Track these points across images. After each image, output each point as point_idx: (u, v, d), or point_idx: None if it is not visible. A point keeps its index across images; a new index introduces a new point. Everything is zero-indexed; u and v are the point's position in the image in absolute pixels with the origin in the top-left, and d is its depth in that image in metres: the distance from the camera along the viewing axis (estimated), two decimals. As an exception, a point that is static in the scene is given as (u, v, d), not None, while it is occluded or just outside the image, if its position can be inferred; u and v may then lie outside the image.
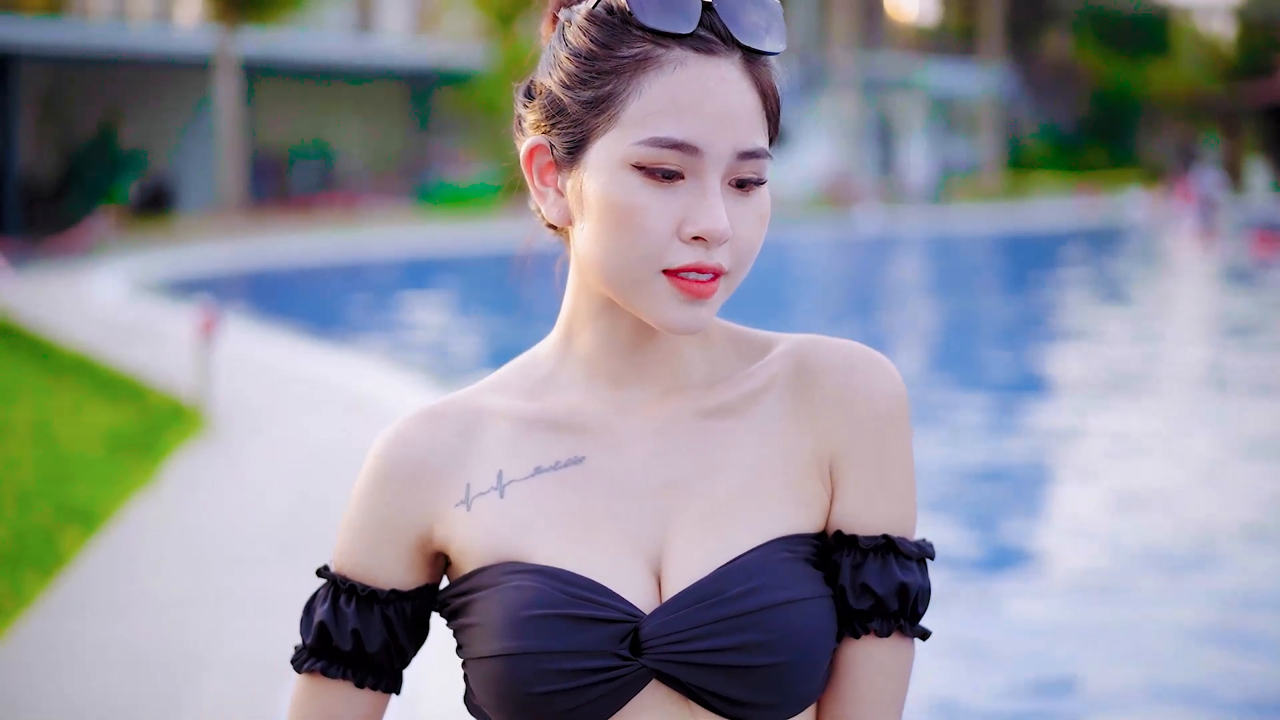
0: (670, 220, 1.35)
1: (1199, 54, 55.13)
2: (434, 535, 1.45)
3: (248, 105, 31.55)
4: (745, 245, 1.39)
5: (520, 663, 1.36)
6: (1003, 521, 7.87)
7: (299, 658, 1.50)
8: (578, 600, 1.37)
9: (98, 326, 14.43)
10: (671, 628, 1.37)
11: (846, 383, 1.45)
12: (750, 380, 1.47)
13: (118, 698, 4.66)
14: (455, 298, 20.05)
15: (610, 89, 1.36)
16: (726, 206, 1.36)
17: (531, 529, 1.42)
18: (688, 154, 1.34)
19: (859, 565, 1.43)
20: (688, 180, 1.35)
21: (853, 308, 19.32)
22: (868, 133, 43.64)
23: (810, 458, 1.44)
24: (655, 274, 1.36)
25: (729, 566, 1.38)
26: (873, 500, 1.44)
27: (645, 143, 1.34)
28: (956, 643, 5.66)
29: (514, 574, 1.40)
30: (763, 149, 1.38)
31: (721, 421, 1.45)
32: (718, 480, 1.43)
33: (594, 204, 1.37)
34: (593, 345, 1.45)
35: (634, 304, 1.38)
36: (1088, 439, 10.00)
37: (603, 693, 1.36)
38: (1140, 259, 27.07)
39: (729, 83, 1.36)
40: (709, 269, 1.36)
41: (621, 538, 1.41)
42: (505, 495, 1.43)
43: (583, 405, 1.46)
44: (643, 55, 1.35)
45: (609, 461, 1.44)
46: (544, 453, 1.44)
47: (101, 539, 6.60)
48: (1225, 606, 6.16)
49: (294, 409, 9.99)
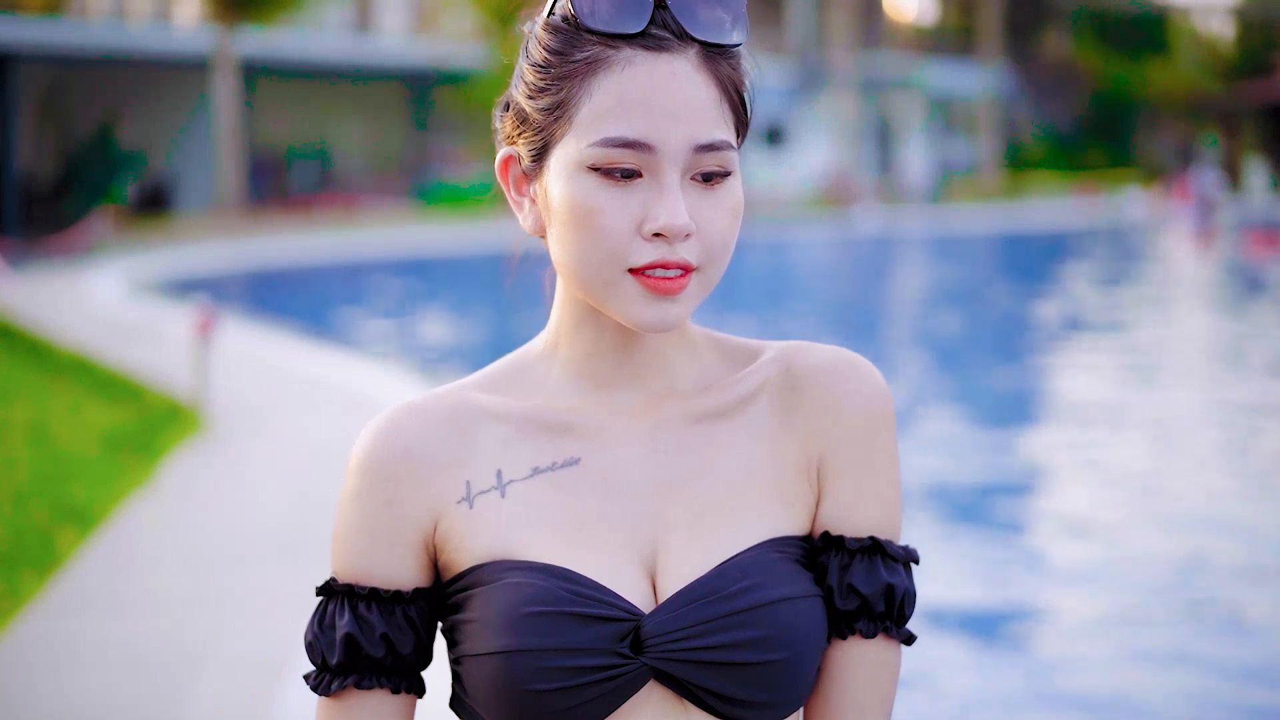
0: (630, 219, 1.35)
1: (1198, 54, 55.13)
2: (437, 531, 1.44)
3: (246, 105, 31.54)
4: (714, 239, 1.38)
5: (520, 660, 1.35)
6: (1002, 520, 7.86)
7: (324, 680, 1.44)
8: (579, 598, 1.37)
9: (96, 326, 14.41)
10: (671, 625, 1.37)
11: (834, 387, 1.46)
12: (740, 385, 1.48)
13: (115, 697, 4.65)
14: (454, 297, 20.03)
15: (565, 94, 1.38)
16: (691, 201, 1.37)
17: (530, 528, 1.41)
18: (640, 151, 1.35)
19: (846, 566, 1.44)
20: (645, 178, 1.36)
21: (852, 307, 19.31)
22: (867, 132, 43.64)
23: (798, 460, 1.46)
24: (621, 274, 1.36)
25: (725, 565, 1.39)
26: (859, 502, 1.45)
27: (597, 144, 1.35)
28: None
29: (512, 570, 1.39)
30: (722, 141, 1.38)
31: (713, 425, 1.46)
32: (710, 482, 1.44)
33: (557, 209, 1.39)
34: (581, 350, 1.46)
35: (606, 305, 1.39)
36: (1086, 439, 9.99)
37: (601, 692, 1.36)
38: (1139, 258, 27.05)
39: (680, 78, 1.36)
40: (673, 264, 1.36)
41: (617, 538, 1.42)
42: (506, 495, 1.43)
43: (575, 408, 1.46)
44: (593, 58, 1.37)
45: (603, 463, 1.44)
46: (540, 454, 1.45)
47: (99, 539, 6.59)
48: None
49: (292, 409, 9.97)
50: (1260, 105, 47.46)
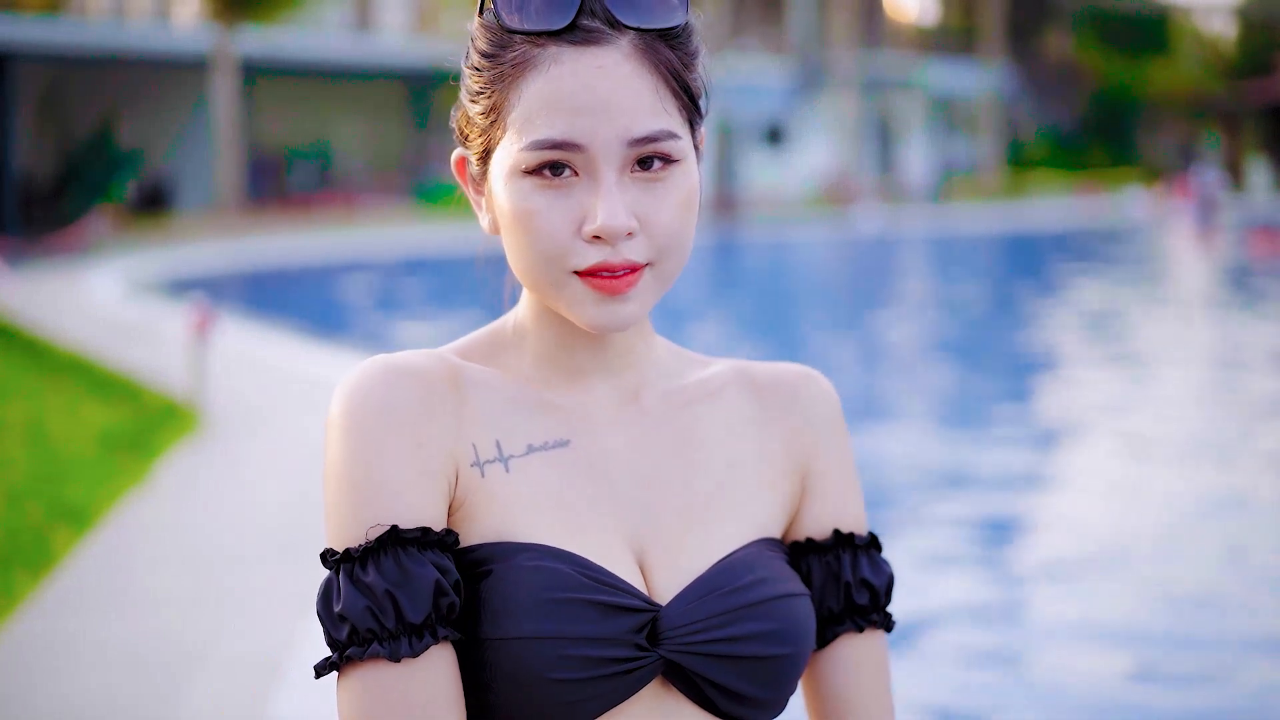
0: (568, 221, 1.32)
1: (1199, 53, 55.18)
2: (457, 486, 1.35)
3: (246, 104, 31.53)
4: (663, 232, 1.33)
5: (542, 647, 1.30)
6: (1003, 520, 7.83)
7: (407, 639, 1.27)
8: (599, 586, 1.33)
9: (95, 325, 14.39)
10: (689, 617, 1.35)
11: (801, 396, 1.51)
12: (706, 384, 1.49)
13: (112, 697, 4.62)
14: (454, 297, 20.00)
15: (498, 98, 1.35)
16: (634, 196, 1.32)
17: (534, 508, 1.37)
18: (571, 151, 1.31)
19: (856, 561, 1.48)
20: (582, 178, 1.32)
21: (851, 307, 19.28)
22: (867, 132, 43.63)
23: (784, 460, 1.48)
24: (567, 275, 1.33)
25: (729, 560, 1.39)
26: (846, 501, 1.51)
27: (527, 147, 1.32)
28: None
29: (524, 552, 1.33)
30: (661, 131, 1.32)
31: (690, 418, 1.46)
32: (694, 475, 1.43)
33: (501, 212, 1.37)
34: (547, 344, 1.43)
35: (557, 307, 1.36)
36: (1086, 439, 9.96)
37: (616, 685, 1.33)
38: (1140, 258, 27.05)
39: (608, 70, 1.31)
40: (617, 267, 1.31)
41: (608, 526, 1.39)
42: (510, 470, 1.37)
43: (556, 388, 1.43)
44: (520, 59, 1.33)
45: (590, 449, 1.41)
46: (532, 429, 1.40)
47: (95, 538, 6.56)
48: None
49: (291, 408, 9.93)
50: (1262, 105, 47.49)
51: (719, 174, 34.59)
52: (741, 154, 37.54)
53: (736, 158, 36.31)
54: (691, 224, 1.36)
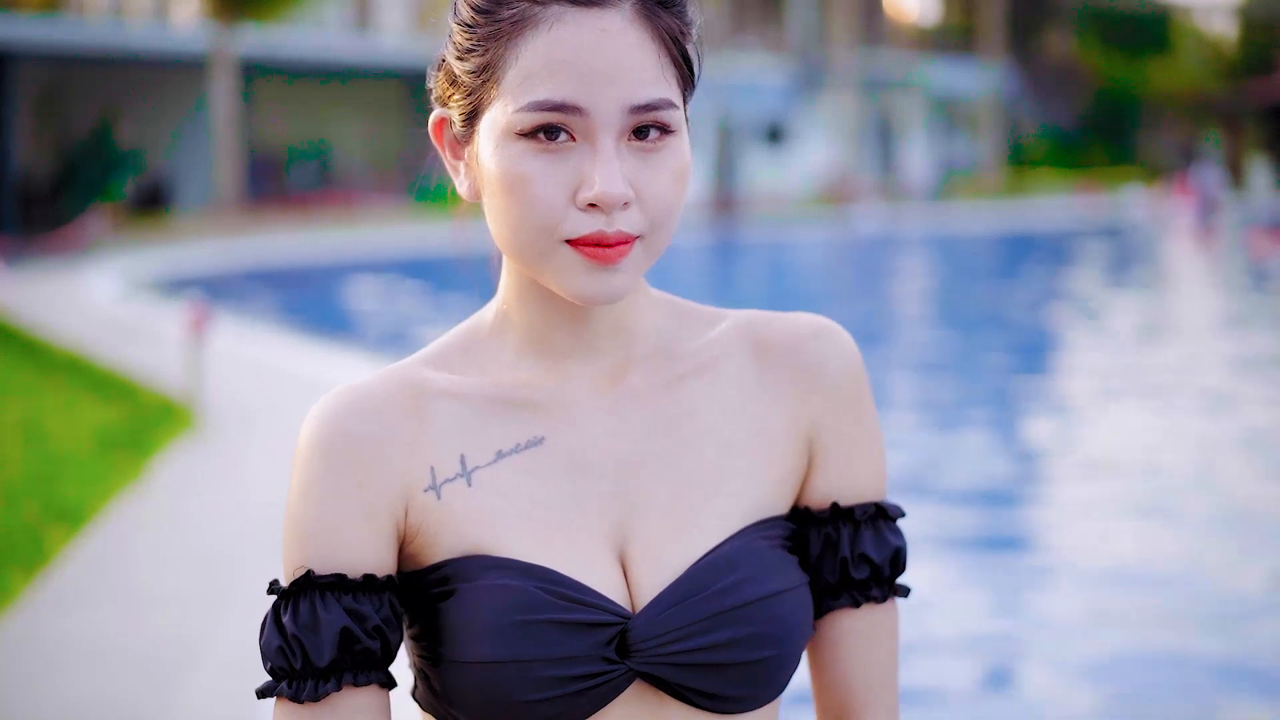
0: (563, 187, 1.27)
1: (1200, 53, 55.20)
2: (408, 518, 1.34)
3: (245, 103, 31.52)
4: (657, 205, 1.29)
5: (507, 671, 1.28)
6: (1002, 520, 7.81)
7: (308, 685, 1.29)
8: (563, 602, 1.29)
9: (92, 324, 14.38)
10: (659, 628, 1.30)
11: (812, 352, 1.41)
12: (705, 352, 1.41)
13: (108, 695, 4.61)
14: (453, 297, 19.98)
15: (491, 56, 1.29)
16: (630, 166, 1.28)
17: (501, 519, 1.33)
18: (570, 115, 1.26)
19: (855, 536, 1.41)
20: (579, 143, 1.27)
21: (851, 307, 19.27)
22: (867, 132, 43.65)
23: (785, 431, 1.40)
24: (556, 244, 1.28)
25: (711, 556, 1.33)
26: (856, 468, 1.42)
27: (525, 108, 1.27)
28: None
29: (489, 570, 1.31)
30: (661, 100, 1.28)
31: (682, 394, 1.39)
32: (682, 458, 1.37)
33: (488, 177, 1.31)
34: (531, 323, 1.37)
35: (543, 277, 1.31)
36: (1084, 439, 9.94)
37: (587, 698, 1.30)
38: (1140, 257, 27.04)
39: (611, 35, 1.27)
40: (611, 238, 1.27)
41: (587, 524, 1.34)
42: (473, 484, 1.34)
43: (533, 381, 1.37)
44: (519, 16, 1.28)
45: (568, 441, 1.36)
46: (502, 434, 1.35)
47: (90, 536, 6.54)
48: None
49: (287, 407, 9.90)
50: (1263, 104, 47.50)
51: (719, 173, 34.58)
52: (741, 153, 37.51)
53: (736, 157, 36.29)
54: (683, 198, 1.32)
